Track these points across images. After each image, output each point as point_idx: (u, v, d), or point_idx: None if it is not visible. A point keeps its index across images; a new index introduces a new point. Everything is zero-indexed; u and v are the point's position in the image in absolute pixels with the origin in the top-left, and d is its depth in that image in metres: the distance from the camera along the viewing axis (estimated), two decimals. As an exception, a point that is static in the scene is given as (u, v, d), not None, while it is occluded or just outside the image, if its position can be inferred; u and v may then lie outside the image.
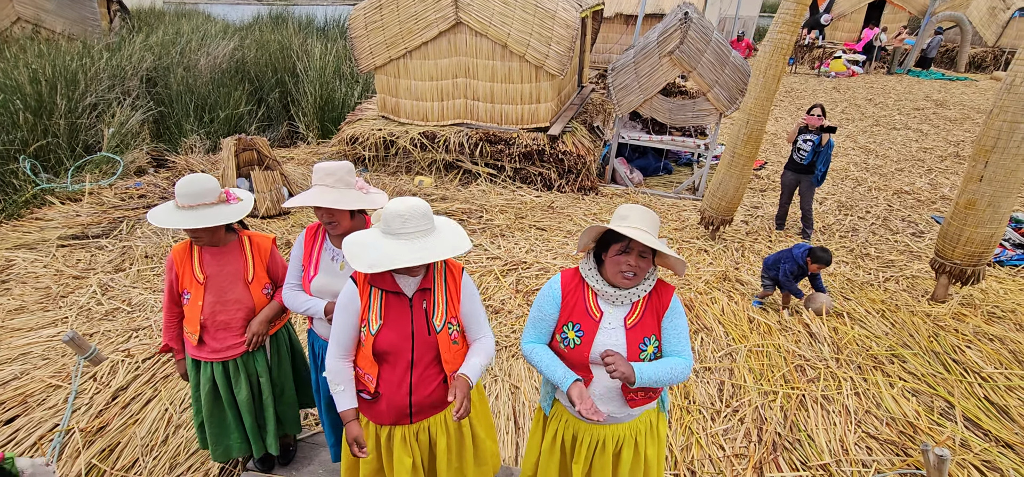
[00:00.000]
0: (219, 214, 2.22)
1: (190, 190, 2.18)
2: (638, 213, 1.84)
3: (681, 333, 1.94)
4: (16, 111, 6.91)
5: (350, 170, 2.27)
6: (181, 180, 2.19)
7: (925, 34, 15.99)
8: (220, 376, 2.45)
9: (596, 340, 1.90)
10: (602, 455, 2.04)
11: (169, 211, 2.21)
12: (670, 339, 1.94)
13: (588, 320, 1.92)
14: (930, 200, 6.91)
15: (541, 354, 1.99)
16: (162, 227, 2.34)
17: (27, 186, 6.31)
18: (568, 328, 1.94)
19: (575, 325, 1.93)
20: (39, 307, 4.25)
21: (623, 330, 1.90)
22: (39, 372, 3.50)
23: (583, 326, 1.92)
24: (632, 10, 13.32)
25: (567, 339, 1.94)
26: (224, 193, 2.29)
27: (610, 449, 2.04)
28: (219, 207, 2.25)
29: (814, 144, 5.45)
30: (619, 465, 2.06)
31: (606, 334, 1.90)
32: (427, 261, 1.78)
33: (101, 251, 5.15)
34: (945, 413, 3.42)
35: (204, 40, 11.49)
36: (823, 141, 5.43)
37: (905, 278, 4.99)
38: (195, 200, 2.19)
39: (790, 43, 4.70)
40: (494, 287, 4.69)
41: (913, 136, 9.80)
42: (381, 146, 7.35)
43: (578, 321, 1.93)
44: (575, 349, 1.92)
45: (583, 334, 1.91)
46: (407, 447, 2.09)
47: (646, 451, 2.07)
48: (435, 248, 1.84)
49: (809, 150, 5.49)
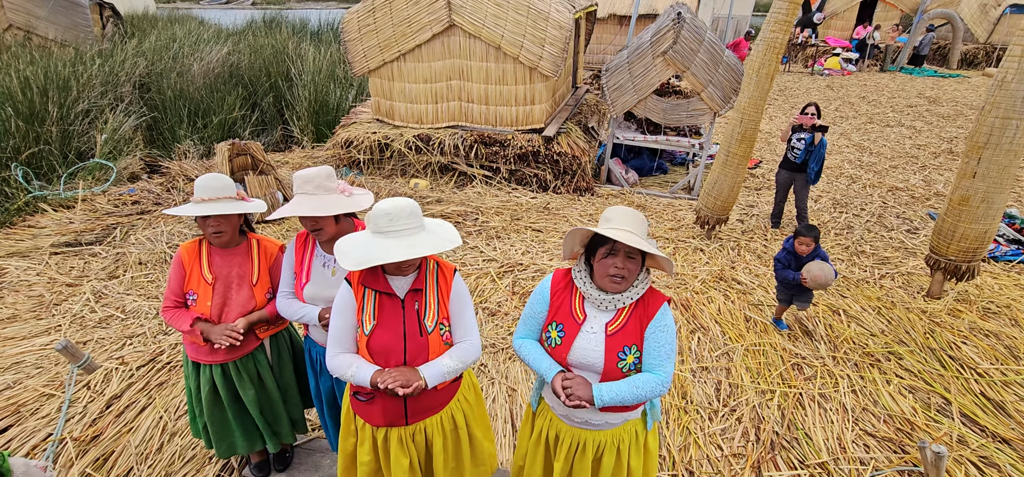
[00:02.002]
0: (237, 205, 2.25)
1: (209, 184, 2.22)
2: (623, 214, 1.83)
3: (663, 347, 1.86)
4: (8, 118, 6.86)
5: (329, 175, 2.25)
6: (201, 178, 2.23)
7: (917, 32, 16.07)
8: (219, 378, 2.44)
9: (575, 343, 1.90)
10: (582, 458, 2.05)
11: (189, 206, 2.24)
12: (650, 352, 1.87)
13: (571, 322, 1.93)
14: (924, 196, 6.94)
15: (529, 348, 2.04)
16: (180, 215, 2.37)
17: (19, 194, 6.26)
18: (552, 328, 1.97)
19: (558, 325, 1.95)
20: (32, 315, 4.21)
21: (603, 336, 1.88)
22: (32, 381, 3.47)
23: (566, 327, 1.93)
24: (625, 11, 13.35)
25: (550, 338, 1.97)
26: (238, 193, 2.32)
27: (590, 453, 2.03)
28: (236, 201, 2.28)
29: (807, 143, 5.47)
30: (599, 470, 2.06)
31: (586, 338, 1.89)
32: (411, 256, 1.79)
33: (95, 258, 5.12)
34: (942, 409, 3.42)
35: (197, 45, 11.46)
36: (816, 140, 5.44)
37: (901, 275, 5.01)
38: (215, 193, 2.22)
39: (783, 42, 4.72)
40: (490, 289, 4.68)
41: (907, 133, 9.84)
42: (376, 149, 7.33)
43: (562, 322, 1.95)
44: (556, 349, 1.94)
45: (564, 335, 1.93)
46: (404, 448, 2.09)
47: (629, 461, 2.06)
48: (421, 244, 1.84)
49: (802, 149, 5.51)
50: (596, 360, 1.87)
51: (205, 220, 2.24)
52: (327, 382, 2.51)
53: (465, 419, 2.20)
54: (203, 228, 2.28)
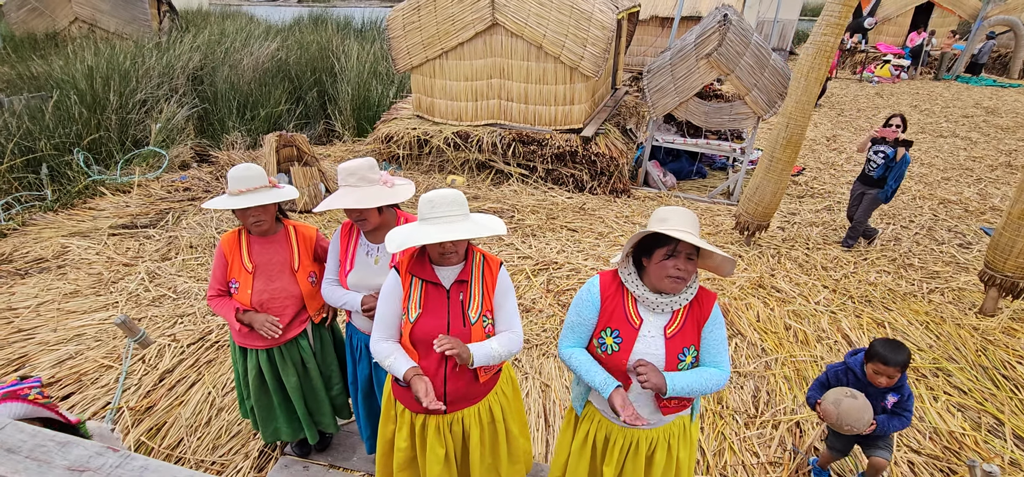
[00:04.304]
0: (269, 195, 2.31)
1: (242, 174, 2.29)
2: (680, 215, 1.79)
3: (720, 343, 1.90)
4: (73, 105, 7.26)
5: (371, 166, 2.30)
6: (233, 169, 2.29)
7: (976, 39, 15.34)
8: (265, 363, 2.53)
9: (635, 348, 1.86)
10: (635, 458, 2.02)
11: (224, 198, 2.32)
12: (709, 349, 1.90)
13: (627, 327, 1.88)
14: (979, 210, 6.64)
15: (581, 359, 1.96)
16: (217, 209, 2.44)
17: (80, 177, 6.62)
18: (606, 334, 1.91)
19: (614, 331, 1.89)
20: (92, 292, 4.46)
21: (663, 339, 1.86)
22: (92, 353, 3.68)
23: (622, 333, 1.88)
24: (668, 13, 13.18)
25: (605, 345, 1.91)
26: (270, 181, 2.39)
27: (643, 451, 2.02)
28: (270, 190, 2.34)
29: (888, 157, 5.14)
30: (652, 468, 2.04)
31: (645, 342, 1.86)
32: (443, 239, 1.83)
33: (149, 240, 5.38)
34: (994, 430, 3.29)
35: (247, 41, 11.86)
36: (898, 155, 5.07)
37: (951, 290, 4.81)
38: (247, 184, 2.29)
39: (834, 46, 4.59)
40: (525, 286, 4.72)
41: (961, 144, 9.42)
42: (415, 145, 7.45)
43: (617, 327, 1.89)
44: (614, 356, 1.88)
45: (622, 341, 1.87)
46: (441, 438, 2.12)
47: (678, 454, 2.05)
48: (457, 229, 1.87)
49: (881, 163, 5.16)
50: (657, 364, 1.85)
51: (244, 211, 2.30)
52: (365, 370, 2.58)
53: (502, 413, 2.22)
54: (243, 219, 2.35)
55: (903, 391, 2.54)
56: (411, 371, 1.95)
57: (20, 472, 0.94)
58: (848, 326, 4.17)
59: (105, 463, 0.96)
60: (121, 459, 0.97)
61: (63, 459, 0.98)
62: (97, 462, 0.97)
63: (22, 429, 1.04)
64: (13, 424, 1.05)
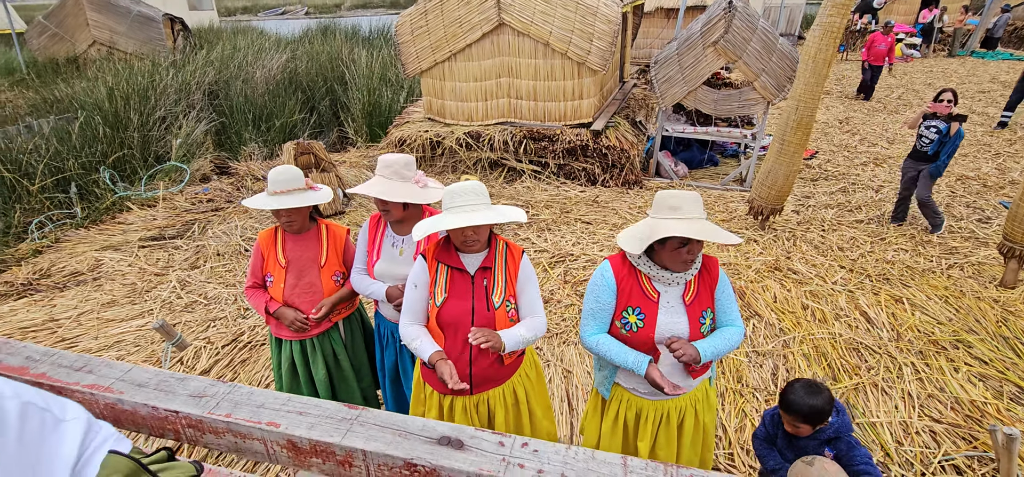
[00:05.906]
0: (306, 197, 2.44)
1: (282, 177, 2.42)
2: (689, 203, 1.87)
3: (731, 301, 2.03)
4: (97, 126, 7.50)
5: (408, 164, 2.40)
6: (273, 170, 2.42)
7: (991, 13, 15.11)
8: (298, 355, 2.66)
9: (659, 320, 1.94)
10: (667, 428, 2.10)
11: (263, 197, 2.45)
12: (723, 308, 2.02)
13: (647, 302, 1.95)
14: (998, 185, 6.58)
15: (608, 343, 2.01)
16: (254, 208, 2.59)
17: (107, 194, 6.85)
18: (628, 312, 1.97)
19: (635, 309, 1.96)
20: (127, 301, 4.63)
21: (683, 306, 1.95)
22: (132, 357, 3.84)
23: (644, 308, 1.95)
24: (673, 3, 13.18)
25: (628, 324, 1.97)
26: (307, 183, 2.51)
27: (674, 421, 2.10)
28: (306, 192, 2.47)
29: (941, 133, 5.09)
30: (682, 435, 2.13)
31: (667, 313, 1.95)
32: (461, 224, 1.92)
33: (177, 251, 5.56)
34: (1016, 398, 3.30)
35: (259, 54, 12.11)
36: (952, 129, 5.02)
37: (970, 265, 4.80)
38: (286, 186, 2.42)
39: (840, 27, 4.61)
40: (543, 278, 4.80)
41: (978, 120, 9.31)
42: (428, 147, 7.58)
43: (637, 305, 1.96)
44: (639, 332, 1.95)
45: (645, 316, 1.95)
46: (467, 418, 2.21)
47: (704, 419, 2.15)
48: (476, 216, 1.96)
49: (935, 138, 5.11)
50: (682, 331, 1.94)
51: (278, 210, 2.44)
52: (391, 357, 2.69)
53: (526, 395, 2.30)
54: (277, 217, 2.49)
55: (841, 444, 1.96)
56: (436, 355, 2.04)
57: (151, 399, 1.17)
58: (866, 303, 4.19)
59: (218, 390, 1.20)
60: (231, 388, 1.20)
61: (184, 390, 1.20)
62: (212, 390, 1.20)
63: (146, 369, 1.27)
64: (138, 367, 1.27)
